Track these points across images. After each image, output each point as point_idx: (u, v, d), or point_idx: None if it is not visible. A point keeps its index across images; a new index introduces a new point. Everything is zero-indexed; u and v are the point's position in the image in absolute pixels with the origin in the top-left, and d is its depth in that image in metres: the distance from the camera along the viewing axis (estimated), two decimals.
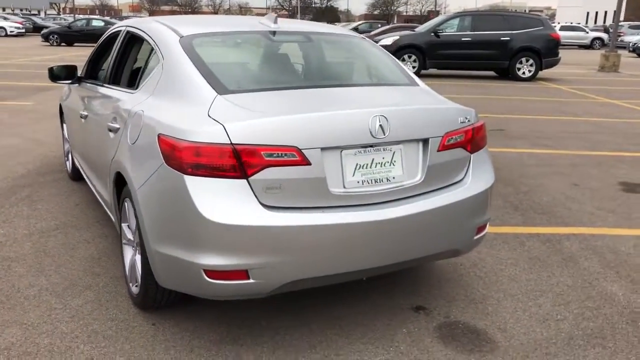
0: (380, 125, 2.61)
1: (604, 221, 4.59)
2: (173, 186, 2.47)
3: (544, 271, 3.64)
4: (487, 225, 3.17)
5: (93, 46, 7.25)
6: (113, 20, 32.77)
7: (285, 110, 2.59)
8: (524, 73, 16.22)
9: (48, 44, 29.70)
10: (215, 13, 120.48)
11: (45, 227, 4.20)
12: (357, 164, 2.62)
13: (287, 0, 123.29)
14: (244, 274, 2.45)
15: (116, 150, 3.09)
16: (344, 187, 2.59)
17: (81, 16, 48.30)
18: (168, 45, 3.06)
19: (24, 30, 38.79)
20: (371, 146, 2.64)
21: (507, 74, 16.34)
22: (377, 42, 16.97)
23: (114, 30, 4.08)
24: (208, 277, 2.46)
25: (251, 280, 2.47)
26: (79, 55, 22.30)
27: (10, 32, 37.70)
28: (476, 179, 2.99)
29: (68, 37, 29.51)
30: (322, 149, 2.51)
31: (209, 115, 2.52)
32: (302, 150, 2.46)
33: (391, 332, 2.89)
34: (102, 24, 30.07)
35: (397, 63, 3.46)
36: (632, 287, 3.45)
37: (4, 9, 68.20)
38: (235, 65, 3.12)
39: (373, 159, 2.66)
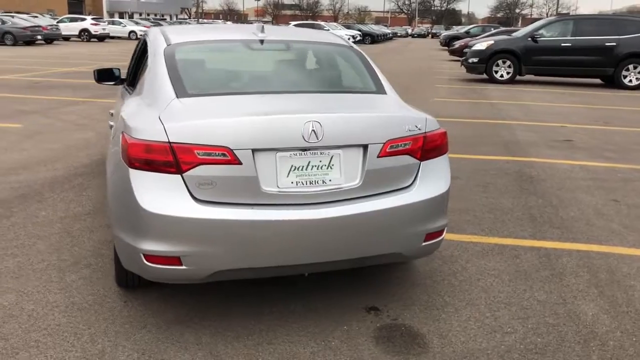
0: (313, 130, 2.76)
1: (622, 240, 4.34)
2: (123, 178, 2.80)
3: (522, 285, 3.57)
4: (443, 233, 3.20)
5: None
6: (227, 23, 34.50)
7: (227, 114, 2.82)
8: (630, 81, 15.15)
9: None
10: (335, 17, 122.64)
11: (80, 211, 4.73)
12: (292, 166, 2.79)
13: (406, 4, 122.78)
14: (177, 260, 2.72)
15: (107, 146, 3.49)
16: (278, 186, 2.77)
17: (205, 21, 51.33)
18: (155, 53, 3.40)
19: None
20: (307, 149, 2.80)
21: (613, 81, 15.34)
22: (470, 46, 16.63)
23: (140, 37, 4.53)
24: (147, 261, 2.75)
25: (184, 267, 2.73)
26: None
27: (140, 35, 40.97)
28: (425, 186, 3.04)
29: None
30: (254, 150, 2.71)
31: (159, 116, 2.81)
32: (234, 151, 2.68)
33: (332, 329, 3.03)
34: None
35: (372, 72, 3.54)
36: (607, 308, 3.30)
37: (140, 15, 74.00)
38: (206, 71, 3.39)
39: (309, 162, 2.82)
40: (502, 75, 15.83)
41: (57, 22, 35.55)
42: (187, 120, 2.75)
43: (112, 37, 41.00)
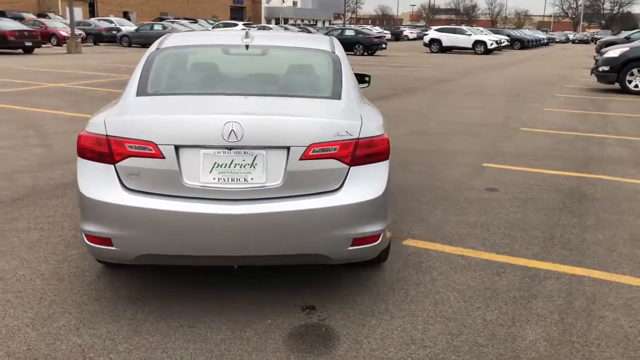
0: (233, 131, 2.93)
1: (634, 270, 3.92)
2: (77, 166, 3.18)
3: (480, 303, 3.42)
4: (377, 239, 3.18)
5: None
6: (366, 29, 35.05)
7: (160, 111, 3.09)
8: None
9: None
10: (493, 22, 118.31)
11: None
12: (215, 163, 2.98)
13: (571, 7, 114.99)
14: (108, 241, 3.04)
15: None
16: (200, 181, 2.98)
17: (352, 26, 52.30)
18: (142, 57, 3.77)
19: None
20: (232, 148, 2.97)
21: None
22: (602, 53, 15.39)
23: None
24: (87, 240, 3.10)
25: (114, 248, 3.04)
26: None
27: None
28: (353, 191, 3.06)
29: None
30: (177, 146, 2.95)
31: (109, 112, 3.15)
32: (158, 146, 2.94)
33: (256, 321, 3.16)
34: (353, 33, 32.49)
35: (338, 78, 3.54)
36: (555, 335, 3.06)
37: (294, 20, 77.37)
38: (173, 73, 3.67)
39: (233, 160, 2.99)
40: (636, 86, 14.42)
41: (213, 27, 38.50)
42: (124, 116, 3.06)
43: None
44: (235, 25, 39.51)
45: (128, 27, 35.31)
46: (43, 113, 9.81)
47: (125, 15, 59.26)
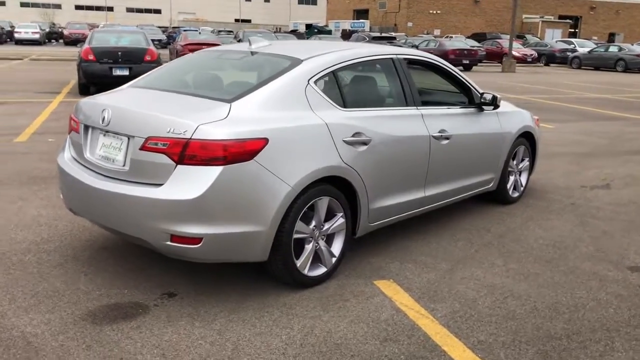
0: (104, 117, 3.45)
1: None
2: None
3: (293, 349, 2.88)
4: (197, 242, 3.13)
5: None
6: None
7: (95, 97, 3.83)
8: None
9: None
10: None
11: None
12: (102, 143, 3.55)
13: None
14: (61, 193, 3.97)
15: None
16: (93, 156, 3.60)
17: None
18: None
19: None
20: (111, 132, 3.48)
21: None
22: None
23: None
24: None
25: (62, 197, 3.95)
26: None
27: None
28: (174, 188, 3.11)
29: None
30: (85, 125, 3.65)
31: None
32: (80, 123, 3.71)
33: (113, 290, 3.51)
34: None
35: (258, 84, 3.48)
36: None
37: None
38: (164, 71, 4.19)
39: (111, 142, 3.50)
40: None
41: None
42: (87, 98, 3.92)
43: None
44: None
45: (586, 48, 33.84)
46: None
47: (611, 37, 56.44)
